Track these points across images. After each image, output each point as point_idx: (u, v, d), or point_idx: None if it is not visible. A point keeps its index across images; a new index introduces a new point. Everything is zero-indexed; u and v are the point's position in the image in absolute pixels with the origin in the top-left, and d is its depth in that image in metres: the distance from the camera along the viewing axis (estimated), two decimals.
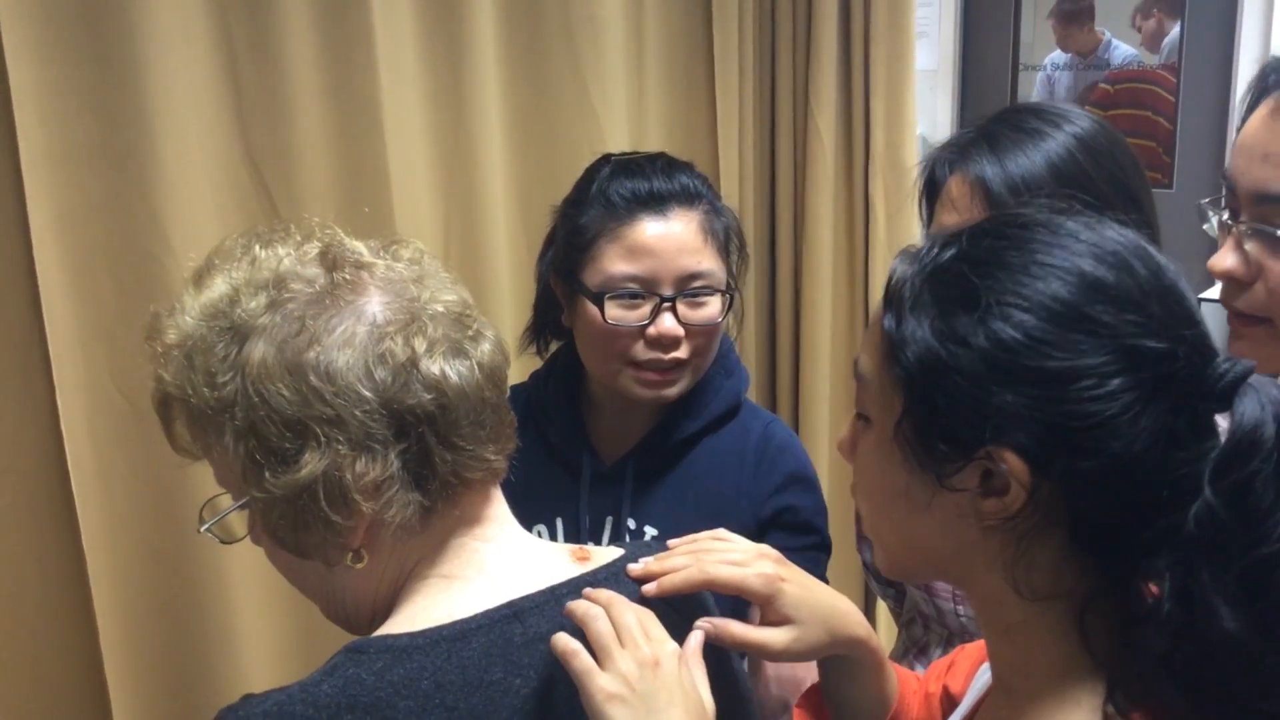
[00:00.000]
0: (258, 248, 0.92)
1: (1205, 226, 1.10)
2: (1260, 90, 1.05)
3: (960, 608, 1.42)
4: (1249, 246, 1.03)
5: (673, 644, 0.90)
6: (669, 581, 0.98)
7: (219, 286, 0.90)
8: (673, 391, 1.42)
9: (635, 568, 0.99)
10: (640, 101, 2.29)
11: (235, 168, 1.71)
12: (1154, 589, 0.76)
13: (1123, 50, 2.95)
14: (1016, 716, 0.79)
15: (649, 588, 0.97)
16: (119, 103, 1.56)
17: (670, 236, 1.38)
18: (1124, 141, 1.36)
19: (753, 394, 2.61)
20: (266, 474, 0.86)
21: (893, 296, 0.78)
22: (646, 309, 1.38)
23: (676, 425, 1.47)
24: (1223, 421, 0.72)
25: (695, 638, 0.94)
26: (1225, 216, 1.07)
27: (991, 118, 1.36)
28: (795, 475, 1.49)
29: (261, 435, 0.85)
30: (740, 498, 1.46)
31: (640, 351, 1.39)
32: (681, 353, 1.40)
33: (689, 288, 1.39)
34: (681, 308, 1.39)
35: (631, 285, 1.38)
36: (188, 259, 0.96)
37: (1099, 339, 0.71)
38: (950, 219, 1.29)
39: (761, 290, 2.64)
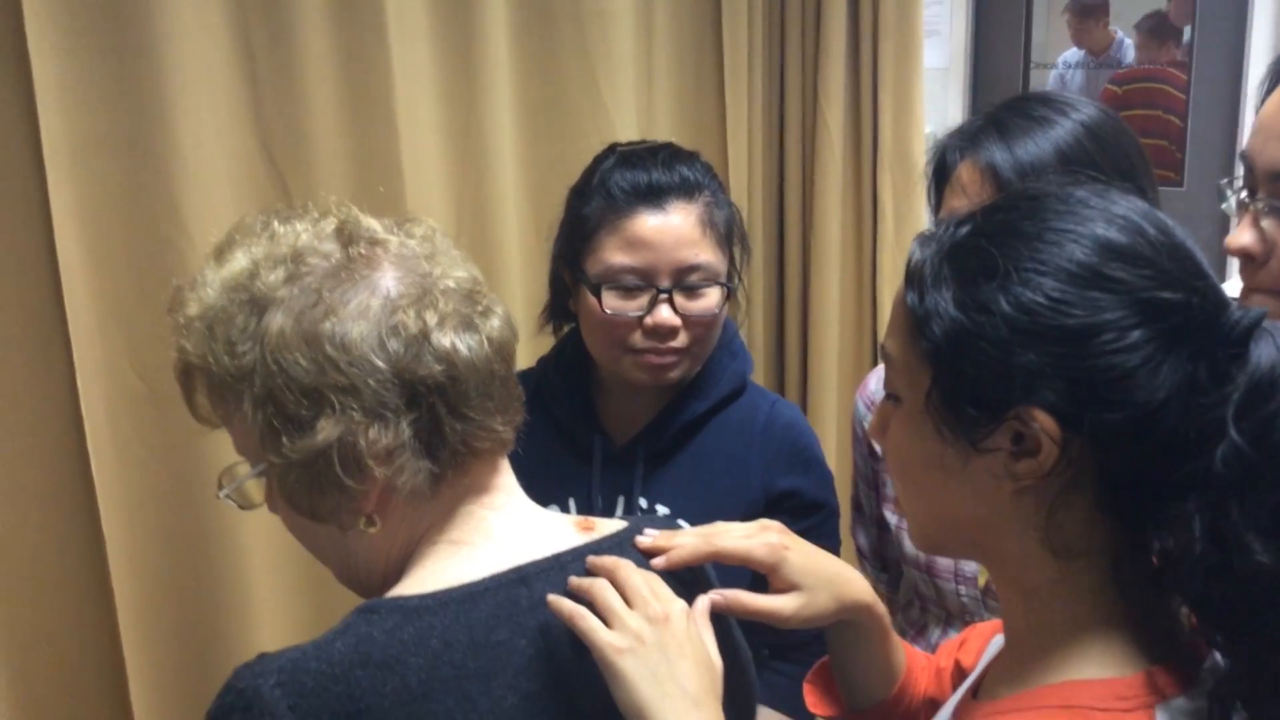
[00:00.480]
0: (276, 224, 0.95)
1: (1224, 206, 1.13)
2: (1278, 72, 1.09)
3: (961, 588, 1.44)
4: (1265, 223, 1.06)
5: (681, 602, 0.93)
6: (677, 554, 1.01)
7: (239, 260, 0.93)
8: (672, 376, 1.45)
9: (644, 540, 1.02)
10: (649, 94, 2.32)
11: (251, 157, 1.75)
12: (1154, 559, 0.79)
13: (1133, 51, 2.96)
14: (1024, 671, 0.82)
15: (657, 561, 1.00)
16: (138, 94, 1.61)
17: (668, 229, 1.40)
18: (1130, 132, 1.38)
19: (760, 378, 2.64)
20: (284, 440, 0.89)
21: (914, 276, 0.81)
22: (644, 299, 1.41)
23: (685, 406, 1.49)
24: None
25: (702, 601, 0.97)
26: (1243, 195, 1.09)
27: (1001, 105, 1.39)
28: (801, 452, 1.52)
29: (279, 402, 0.88)
30: (750, 475, 1.49)
31: (638, 340, 1.42)
32: (679, 342, 1.42)
33: (686, 280, 1.41)
34: (679, 299, 1.41)
35: (629, 277, 1.40)
36: (205, 246, 1.00)
37: (1116, 295, 0.74)
38: (959, 204, 1.31)
39: (770, 282, 2.67)
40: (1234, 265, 1.15)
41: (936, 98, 2.97)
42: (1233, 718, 0.74)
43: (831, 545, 1.52)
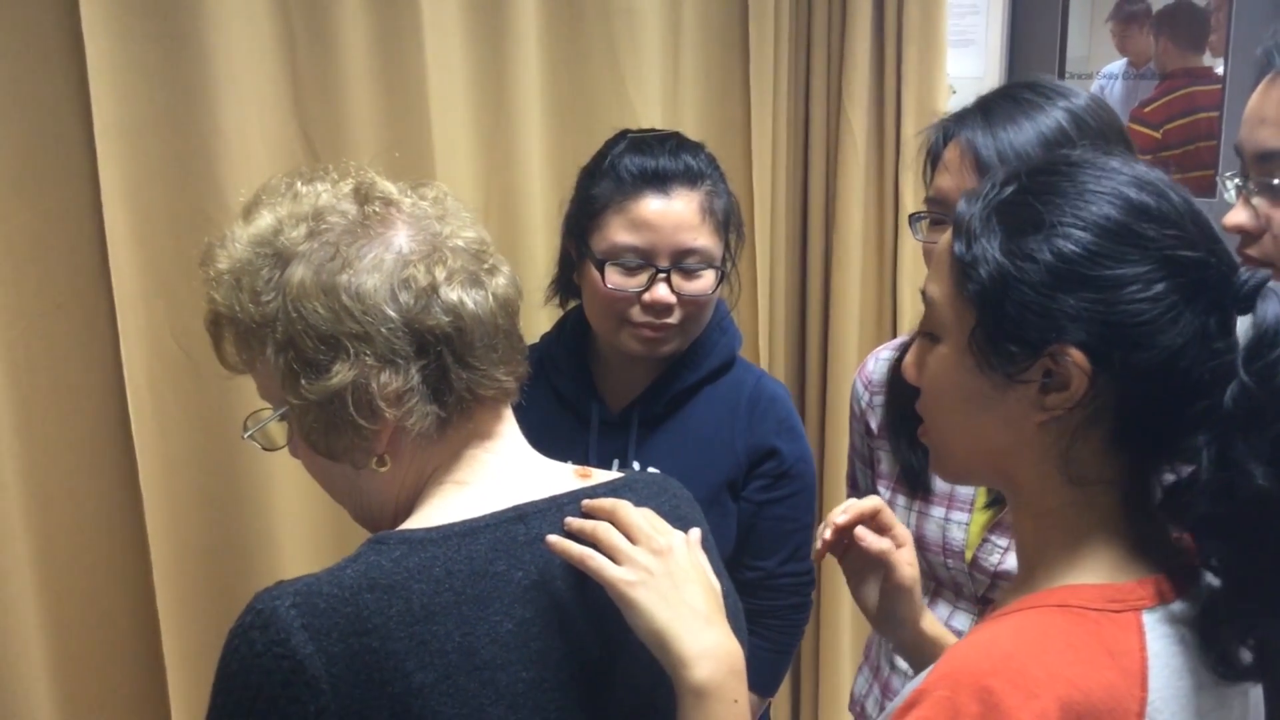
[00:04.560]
0: (299, 184, 1.03)
1: (1226, 195, 1.25)
2: (1263, 69, 1.20)
3: (949, 561, 1.49)
4: (1256, 201, 1.19)
5: (679, 533, 1.01)
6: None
7: (265, 218, 1.01)
8: (665, 349, 1.56)
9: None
10: (675, 92, 2.38)
11: (290, 141, 1.84)
12: None
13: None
14: (1031, 581, 0.91)
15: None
16: (185, 78, 1.70)
17: (670, 213, 1.50)
18: (1119, 125, 1.43)
19: (781, 372, 2.70)
20: (302, 382, 0.96)
21: (961, 227, 0.90)
22: (644, 277, 1.51)
23: (677, 376, 1.60)
24: None
25: (695, 532, 1.05)
26: (1238, 181, 1.22)
27: (993, 91, 1.45)
28: (784, 420, 1.63)
29: (299, 347, 0.96)
30: (735, 440, 1.59)
31: (636, 314, 1.52)
32: (673, 319, 1.53)
33: (684, 262, 1.52)
34: (676, 279, 1.51)
35: (631, 255, 1.51)
36: None
37: (1145, 250, 0.84)
38: (944, 182, 1.38)
39: (792, 277, 2.72)
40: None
41: None
42: (1221, 630, 0.85)
43: (805, 519, 1.61)
